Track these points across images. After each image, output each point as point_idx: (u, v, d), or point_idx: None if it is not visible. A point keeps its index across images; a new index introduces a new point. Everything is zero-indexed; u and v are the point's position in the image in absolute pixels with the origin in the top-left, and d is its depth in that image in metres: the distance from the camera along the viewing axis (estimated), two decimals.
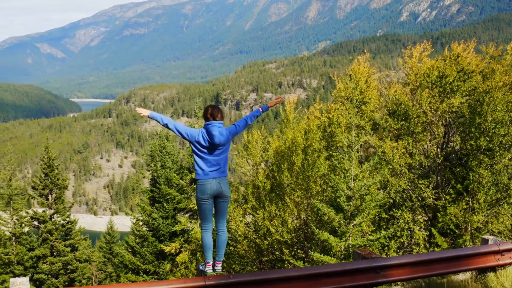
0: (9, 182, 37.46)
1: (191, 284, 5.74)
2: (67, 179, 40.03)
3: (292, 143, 19.40)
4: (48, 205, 37.09)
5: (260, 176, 20.83)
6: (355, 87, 20.38)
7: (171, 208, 24.93)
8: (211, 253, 8.15)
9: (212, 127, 7.80)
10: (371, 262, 5.97)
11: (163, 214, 24.99)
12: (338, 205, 15.88)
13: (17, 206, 36.68)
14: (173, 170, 25.72)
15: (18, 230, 35.51)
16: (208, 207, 8.00)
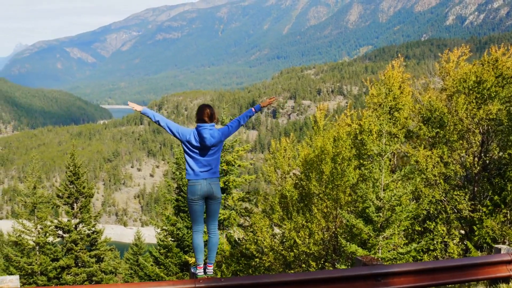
0: (34, 190, 37.91)
1: (181, 286, 5.88)
2: (93, 187, 40.22)
3: (321, 151, 19.45)
4: (73, 214, 37.28)
5: (287, 185, 20.92)
6: (388, 92, 20.34)
7: None
8: (202, 255, 8.38)
9: (203, 130, 8.02)
10: (371, 269, 5.99)
11: (188, 224, 25.20)
12: (367, 216, 15.86)
13: (41, 214, 37.05)
14: None
15: (42, 240, 35.80)
16: (198, 209, 8.27)
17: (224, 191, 24.13)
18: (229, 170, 23.87)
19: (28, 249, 35.93)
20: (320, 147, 19.55)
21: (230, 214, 23.43)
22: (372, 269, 6.00)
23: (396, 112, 20.21)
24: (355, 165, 18.98)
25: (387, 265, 6.39)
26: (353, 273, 6.14)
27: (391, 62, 21.56)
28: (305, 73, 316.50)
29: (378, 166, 15.92)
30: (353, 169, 18.58)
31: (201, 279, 6.60)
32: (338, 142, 19.12)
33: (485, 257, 6.86)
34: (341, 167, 18.50)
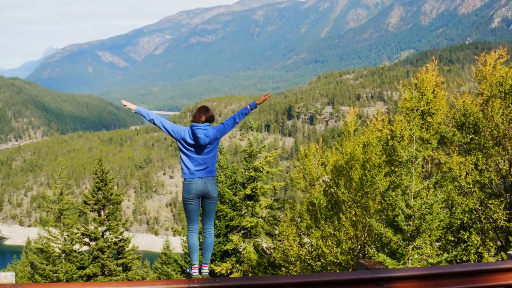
0: (60, 196, 38.29)
1: (175, 286, 5.97)
2: (121, 193, 40.47)
3: (350, 157, 19.45)
4: (100, 221, 37.49)
5: (315, 192, 20.93)
6: (421, 97, 20.25)
7: (223, 225, 25.25)
8: (197, 255, 8.52)
9: (196, 130, 8.18)
10: (374, 273, 5.98)
11: (215, 232, 25.24)
12: (396, 224, 15.81)
13: (68, 221, 37.37)
14: (226, 185, 26.01)
15: (68, 247, 36.03)
16: (194, 208, 8.37)
17: (251, 198, 24.21)
18: (256, 176, 23.91)
19: (54, 256, 36.15)
20: (349, 153, 19.56)
21: (257, 222, 23.46)
22: (374, 273, 5.99)
23: (429, 117, 20.12)
24: (385, 172, 18.91)
25: (390, 269, 6.37)
26: (354, 277, 6.14)
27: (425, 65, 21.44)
28: (344, 78, 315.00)
29: (408, 173, 15.87)
30: (383, 176, 18.51)
31: (195, 279, 6.67)
32: (368, 148, 19.11)
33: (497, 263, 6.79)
34: (371, 174, 18.46)
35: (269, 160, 24.26)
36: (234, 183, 26.09)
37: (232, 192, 25.18)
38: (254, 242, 24.15)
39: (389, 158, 20.07)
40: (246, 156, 24.69)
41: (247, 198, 24.36)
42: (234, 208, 24.51)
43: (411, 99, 20.48)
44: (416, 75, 21.35)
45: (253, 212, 24.10)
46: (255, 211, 24.00)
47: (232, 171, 27.27)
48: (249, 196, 24.24)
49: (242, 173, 24.76)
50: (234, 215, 23.96)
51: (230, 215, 24.11)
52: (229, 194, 24.51)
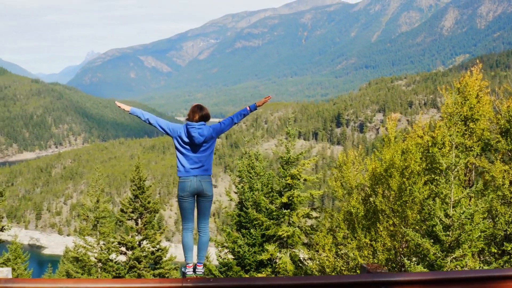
0: (97, 204, 38.86)
1: (168, 285, 6.10)
2: (158, 202, 40.74)
3: (389, 165, 19.42)
4: (137, 230, 37.78)
5: (353, 201, 20.94)
6: (464, 102, 20.12)
7: (259, 234, 25.31)
8: (191, 254, 8.77)
9: (191, 129, 8.46)
10: (374, 277, 6.01)
11: (250, 241, 25.39)
12: (435, 235, 15.75)
13: (104, 230, 37.90)
14: (262, 193, 26.10)
15: (104, 256, 36.46)
16: (188, 206, 8.65)
17: (288, 206, 24.27)
18: (294, 184, 23.97)
19: (89, 265, 36.60)
20: (388, 160, 19.53)
21: (294, 232, 23.50)
22: (375, 277, 6.00)
23: (471, 123, 19.98)
24: (425, 180, 18.82)
25: (392, 273, 6.41)
26: (353, 280, 6.17)
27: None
28: (395, 83, 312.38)
29: (447, 181, 15.80)
30: (422, 184, 18.43)
31: (189, 279, 6.81)
32: (407, 155, 19.05)
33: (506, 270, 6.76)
34: (409, 182, 18.40)
35: (306, 167, 24.31)
36: (270, 191, 26.19)
37: (269, 200, 25.28)
38: (290, 252, 24.22)
39: (430, 166, 19.97)
40: (283, 163, 24.77)
41: (283, 206, 24.44)
42: (271, 217, 24.57)
43: (453, 104, 20.37)
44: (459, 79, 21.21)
45: (289, 221, 24.16)
46: (292, 220, 24.06)
47: (268, 179, 27.35)
48: (286, 204, 24.30)
49: (279, 181, 24.84)
50: (270, 224, 24.03)
51: (266, 224, 24.18)
52: (265, 202, 24.59)
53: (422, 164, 19.52)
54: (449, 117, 20.53)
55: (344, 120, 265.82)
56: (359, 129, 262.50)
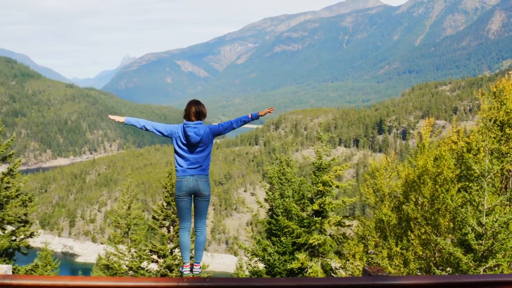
0: (128, 210, 39.21)
1: (164, 284, 6.22)
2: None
3: (422, 171, 19.36)
4: (169, 238, 37.97)
5: (384, 208, 20.91)
6: (500, 106, 19.98)
7: (289, 243, 25.37)
8: (188, 254, 9.10)
9: (187, 128, 8.67)
10: (374, 280, 6.02)
11: (280, 249, 25.48)
12: (467, 243, 15.66)
13: (136, 237, 38.20)
14: (293, 200, 26.17)
15: (136, 264, 36.70)
16: (185, 205, 8.88)
17: (319, 214, 24.29)
18: (325, 191, 23.98)
19: (120, 273, 36.81)
20: (421, 167, 19.48)
21: (325, 240, 23.50)
22: (375, 280, 6.00)
23: (508, 129, 19.80)
24: (459, 187, 18.73)
25: (393, 277, 6.41)
26: (352, 283, 6.19)
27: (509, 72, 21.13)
28: (440, 89, 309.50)
29: (480, 188, 15.71)
30: (456, 191, 18.34)
31: (185, 278, 6.93)
32: (440, 161, 18.99)
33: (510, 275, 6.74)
34: (442, 189, 18.33)
35: (338, 173, 24.31)
36: (302, 198, 26.22)
37: (300, 207, 25.33)
38: (322, 261, 24.21)
39: (465, 172, 19.86)
40: (314, 170, 24.79)
41: (315, 214, 24.46)
42: (302, 225, 24.59)
43: (489, 109, 20.24)
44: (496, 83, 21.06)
45: (321, 229, 24.17)
46: (323, 228, 24.07)
47: (300, 185, 27.40)
48: (317, 212, 24.32)
49: (310, 187, 24.85)
50: (301, 232, 24.05)
51: (297, 232, 24.22)
52: (296, 209, 24.63)
53: (456, 171, 19.42)
54: (485, 123, 20.40)
55: (386, 127, 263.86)
56: (402, 136, 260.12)
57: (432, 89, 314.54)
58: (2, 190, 25.73)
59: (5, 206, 26.48)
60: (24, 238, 28.64)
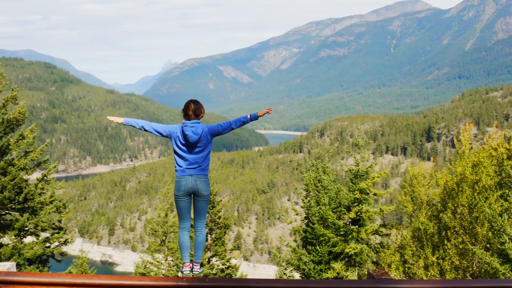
0: (165, 218, 39.48)
1: (163, 283, 6.34)
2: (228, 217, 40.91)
3: (460, 179, 19.24)
4: (207, 247, 38.10)
5: (421, 217, 20.79)
6: None
7: (325, 251, 25.37)
8: (187, 253, 9.26)
9: (185, 128, 8.87)
10: (377, 283, 6.05)
11: (316, 259, 25.48)
12: (505, 253, 15.56)
13: (173, 245, 38.44)
14: (330, 208, 26.17)
15: (172, 273, 36.90)
16: (184, 205, 9.10)
17: (356, 222, 24.24)
18: (362, 199, 23.95)
19: None
20: (459, 174, 19.36)
21: (362, 249, 23.45)
22: (378, 283, 6.05)
23: None
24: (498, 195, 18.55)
25: (396, 280, 6.41)
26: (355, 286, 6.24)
27: None
28: (491, 95, 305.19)
29: None
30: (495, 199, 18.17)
31: (184, 278, 7.03)
32: (478, 168, 18.84)
33: None
34: (480, 197, 18.18)
35: (376, 181, 24.24)
36: (338, 205, 26.20)
37: (336, 215, 25.30)
38: (358, 271, 24.16)
39: (505, 180, 19.67)
40: (352, 177, 24.78)
41: (352, 222, 24.42)
42: (338, 233, 24.58)
43: None
44: None
45: (358, 238, 24.13)
46: (360, 237, 24.02)
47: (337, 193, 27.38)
48: (354, 220, 24.31)
49: (347, 195, 24.83)
50: (337, 241, 24.05)
51: (333, 241, 24.21)
52: (333, 217, 24.61)
53: (495, 178, 19.24)
54: None
55: (435, 134, 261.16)
56: (451, 144, 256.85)
57: (482, 95, 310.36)
58: (36, 196, 26.08)
59: (39, 212, 26.80)
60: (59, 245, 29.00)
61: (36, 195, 26.45)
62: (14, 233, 24.65)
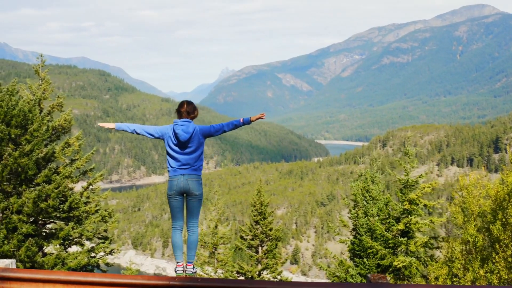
0: (215, 229, 39.76)
1: (155, 282, 6.47)
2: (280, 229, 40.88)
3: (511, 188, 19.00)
4: (257, 259, 38.23)
5: (470, 228, 20.58)
6: None
7: (373, 264, 25.20)
8: (180, 253, 9.43)
9: (175, 126, 9.09)
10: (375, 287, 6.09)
11: (363, 272, 25.36)
12: None
13: (222, 257, 38.68)
14: (378, 219, 26.04)
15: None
16: (176, 204, 9.33)
17: (405, 234, 24.07)
18: (412, 210, 23.77)
19: None
20: (510, 184, 19.12)
21: (411, 262, 23.27)
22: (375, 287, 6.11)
23: None
24: None
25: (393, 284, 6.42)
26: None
27: None
28: None
29: None
30: None
31: (177, 277, 7.13)
32: None
33: None
34: None
35: (426, 191, 24.04)
36: (387, 216, 26.05)
37: (385, 227, 25.16)
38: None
39: None
40: (401, 187, 24.62)
41: (400, 234, 24.24)
42: (386, 245, 24.42)
43: None
44: None
45: (407, 251, 23.95)
46: (410, 250, 23.84)
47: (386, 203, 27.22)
48: (403, 232, 24.13)
49: (396, 206, 24.66)
50: (385, 253, 23.90)
51: (381, 253, 24.06)
52: (381, 229, 24.47)
53: None
54: None
55: (503, 145, 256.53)
56: None
57: None
58: (81, 205, 26.49)
59: (84, 221, 27.19)
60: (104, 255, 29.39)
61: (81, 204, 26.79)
62: (59, 242, 24.96)
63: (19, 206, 21.87)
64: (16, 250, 22.04)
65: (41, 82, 27.37)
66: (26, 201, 21.96)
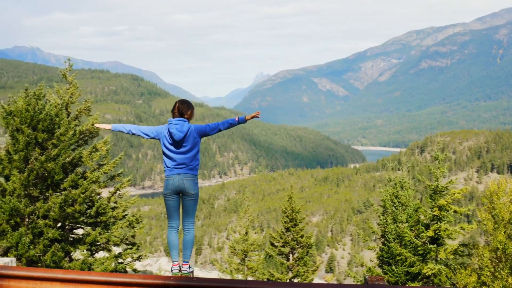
0: (245, 236, 39.81)
1: (151, 281, 6.57)
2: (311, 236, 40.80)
3: None
4: (288, 267, 38.24)
5: (500, 235, 20.47)
6: None
7: (402, 272, 25.12)
8: (176, 252, 9.63)
9: (169, 125, 9.27)
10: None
11: (392, 279, 25.27)
12: None
13: (253, 265, 38.73)
14: (408, 226, 25.95)
15: None
16: (172, 204, 9.53)
17: (435, 241, 23.95)
18: (441, 216, 23.65)
19: None
20: None
21: (440, 270, 23.15)
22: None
23: None
24: None
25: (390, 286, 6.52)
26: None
27: None
28: None
29: None
30: None
31: (172, 277, 7.24)
32: None
33: None
34: None
35: (456, 197, 23.91)
36: (417, 223, 25.94)
37: (414, 233, 25.06)
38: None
39: None
40: (431, 193, 24.51)
41: (430, 241, 24.12)
42: (416, 253, 24.32)
43: None
44: None
45: (436, 258, 23.84)
46: (439, 257, 23.72)
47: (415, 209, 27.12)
48: (433, 239, 24.03)
49: (426, 212, 24.54)
50: (415, 261, 23.81)
51: (410, 260, 23.98)
52: (410, 235, 24.38)
53: None
54: None
55: None
56: None
57: None
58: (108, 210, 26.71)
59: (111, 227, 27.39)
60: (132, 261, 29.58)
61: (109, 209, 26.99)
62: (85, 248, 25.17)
63: (46, 211, 22.12)
64: (42, 255, 22.26)
65: (68, 86, 27.67)
66: (53, 206, 22.19)
